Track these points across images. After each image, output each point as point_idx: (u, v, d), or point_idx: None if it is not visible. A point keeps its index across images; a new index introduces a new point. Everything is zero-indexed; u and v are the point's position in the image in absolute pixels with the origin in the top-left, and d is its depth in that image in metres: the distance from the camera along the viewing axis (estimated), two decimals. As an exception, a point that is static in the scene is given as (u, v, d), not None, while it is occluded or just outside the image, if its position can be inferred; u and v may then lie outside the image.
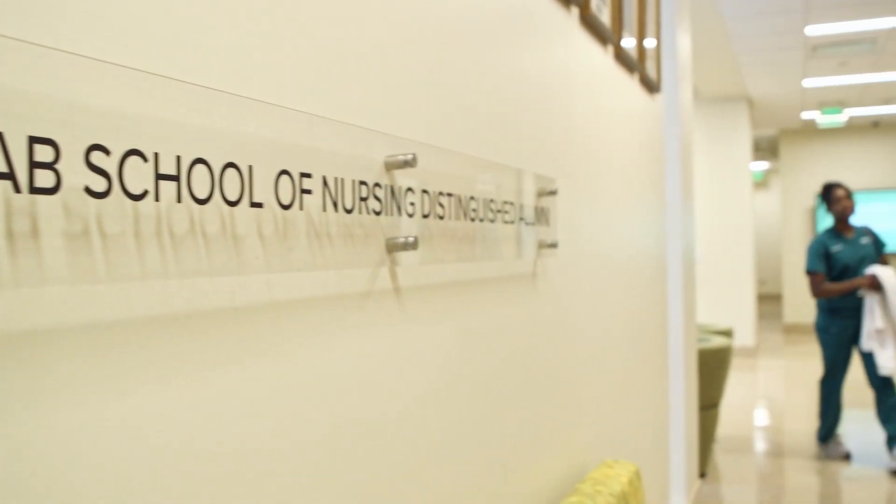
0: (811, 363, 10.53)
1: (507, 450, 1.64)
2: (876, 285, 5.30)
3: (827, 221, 13.54)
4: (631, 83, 2.87)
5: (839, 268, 5.55)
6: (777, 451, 6.30)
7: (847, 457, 5.70)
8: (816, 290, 5.58)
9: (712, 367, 4.94)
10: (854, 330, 5.52)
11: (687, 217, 4.27)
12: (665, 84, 3.91)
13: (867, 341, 5.34)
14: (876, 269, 5.36)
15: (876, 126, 13.37)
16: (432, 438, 1.32)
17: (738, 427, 6.86)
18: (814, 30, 7.54)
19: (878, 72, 9.45)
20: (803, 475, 5.47)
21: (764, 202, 19.50)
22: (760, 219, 19.27)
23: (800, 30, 7.52)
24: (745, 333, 10.78)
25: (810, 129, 13.65)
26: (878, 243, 5.70)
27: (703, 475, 5.20)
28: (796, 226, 13.92)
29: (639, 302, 2.91)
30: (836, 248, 5.58)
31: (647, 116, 3.15)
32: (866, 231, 5.73)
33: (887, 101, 11.35)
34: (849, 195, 5.68)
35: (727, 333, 5.95)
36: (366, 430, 1.13)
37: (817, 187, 13.66)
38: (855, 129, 13.50)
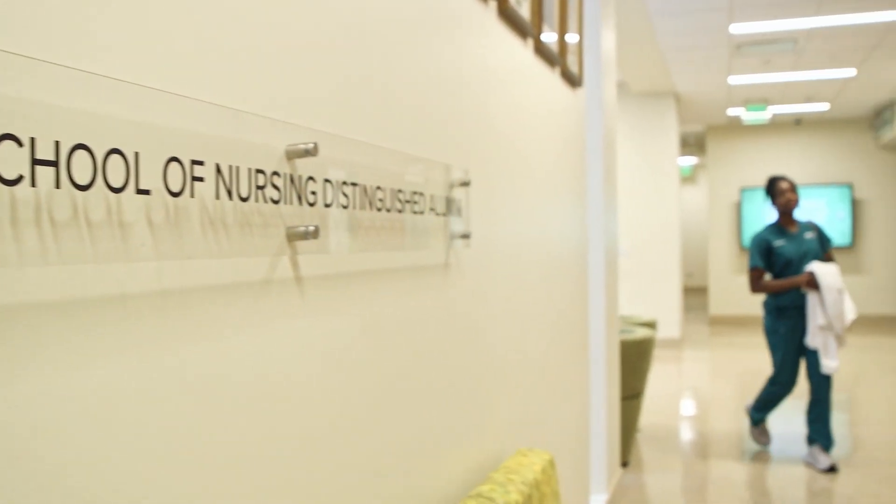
0: (735, 354, 10.78)
1: (417, 440, 1.65)
2: (814, 283, 5.16)
3: (750, 215, 13.86)
4: (552, 77, 2.89)
5: (781, 264, 5.40)
6: (701, 441, 6.43)
7: (767, 445, 5.77)
8: (755, 286, 5.46)
9: (635, 358, 5.03)
10: (803, 330, 5.35)
11: (610, 211, 4.33)
12: (588, 78, 3.96)
13: (811, 338, 5.21)
14: (814, 266, 5.20)
15: (798, 124, 13.71)
16: (336, 431, 1.32)
17: (663, 417, 6.98)
18: (738, 28, 7.69)
19: (800, 70, 9.68)
20: (727, 464, 5.58)
21: (692, 197, 19.85)
22: (688, 213, 19.63)
23: (724, 28, 7.67)
24: (671, 325, 10.98)
25: (736, 126, 13.94)
26: (823, 238, 5.51)
27: (625, 464, 5.29)
28: (722, 220, 14.20)
29: (559, 294, 2.94)
30: (778, 243, 5.42)
31: (569, 110, 3.18)
32: (811, 226, 5.54)
33: (809, 99, 11.64)
34: (793, 188, 5.48)
35: (651, 325, 6.06)
36: (264, 426, 1.13)
37: (742, 183, 13.97)
38: (778, 126, 13.82)
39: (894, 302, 13.31)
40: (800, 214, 5.82)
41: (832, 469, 5.17)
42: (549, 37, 2.82)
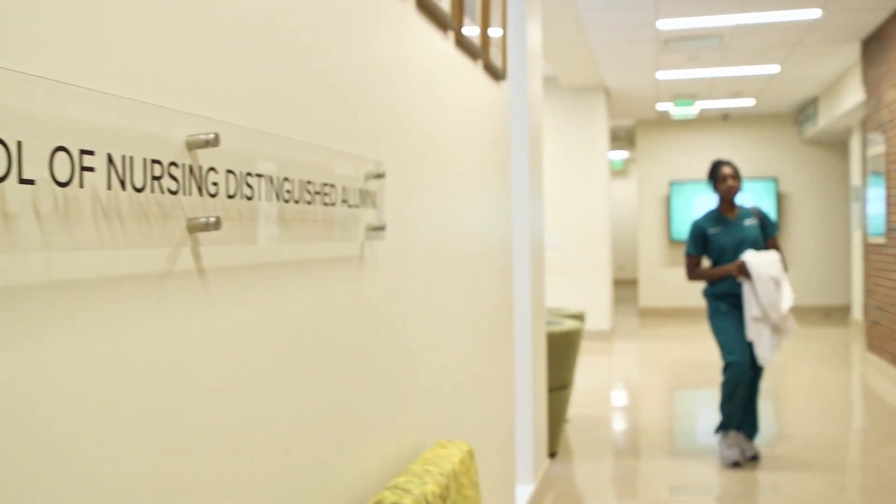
0: (665, 345, 10.97)
1: (332, 434, 1.65)
2: (745, 272, 4.99)
3: (679, 208, 14.09)
4: (474, 70, 2.91)
5: (717, 251, 5.24)
6: (631, 431, 6.54)
7: (736, 465, 5.14)
8: (690, 274, 5.35)
9: (562, 350, 5.08)
10: (741, 317, 5.14)
11: (536, 204, 4.36)
12: (514, 72, 3.98)
13: (748, 330, 5.03)
14: (747, 255, 5.01)
15: (726, 119, 13.97)
16: (244, 427, 1.31)
17: (593, 408, 7.08)
18: (665, 24, 7.81)
19: (726, 66, 9.87)
20: (656, 454, 5.68)
21: (624, 190, 20.11)
22: (620, 206, 19.88)
23: (652, 24, 7.78)
24: (601, 317, 11.11)
25: (665, 120, 14.16)
26: (766, 225, 5.29)
27: (553, 454, 5.34)
28: (651, 213, 14.42)
29: (481, 286, 2.96)
30: (713, 230, 5.25)
31: (493, 103, 3.20)
32: (754, 212, 5.33)
33: (735, 95, 11.87)
34: (735, 174, 5.28)
35: (579, 317, 6.13)
36: (163, 424, 1.12)
37: (671, 176, 14.19)
38: (706, 120, 14.08)
39: (818, 293, 13.65)
40: (744, 201, 5.55)
41: (754, 458, 5.19)
42: (471, 30, 2.83)
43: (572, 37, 8.07)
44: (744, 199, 5.56)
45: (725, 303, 5.21)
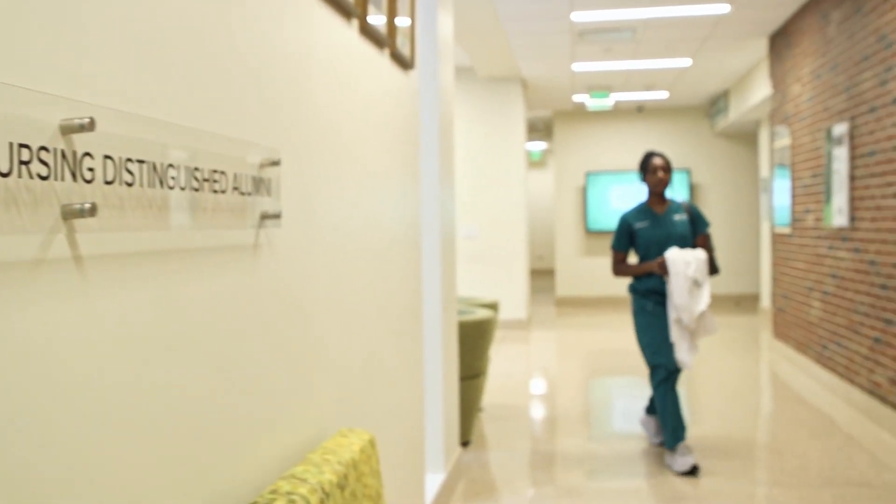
0: (580, 334, 11.14)
1: (226, 425, 1.63)
2: (667, 270, 4.82)
3: (594, 199, 14.29)
4: (380, 58, 2.90)
5: (643, 247, 5.04)
6: (547, 419, 6.62)
7: (694, 470, 4.81)
8: (615, 269, 5.15)
9: (475, 339, 5.11)
10: (665, 316, 4.96)
11: (447, 194, 4.37)
12: (424, 62, 3.99)
13: (671, 331, 4.88)
14: (669, 253, 4.83)
15: (640, 111, 14.21)
16: (126, 414, 1.29)
17: (509, 396, 7.14)
18: (579, 16, 7.89)
19: (640, 59, 10.03)
20: (571, 442, 5.77)
21: (542, 181, 20.30)
22: (539, 197, 20.09)
23: (566, 15, 7.86)
24: (518, 306, 11.21)
25: (581, 112, 14.33)
26: (697, 221, 5.10)
27: (466, 443, 5.38)
28: (568, 204, 14.59)
29: (388, 275, 2.96)
30: (640, 225, 5.05)
31: (401, 92, 3.19)
32: (684, 207, 5.13)
33: (649, 87, 12.08)
34: (666, 167, 5.06)
35: (492, 306, 6.17)
36: (34, 421, 1.09)
37: (587, 167, 14.38)
38: (621, 112, 14.30)
39: (729, 282, 14.00)
40: (675, 195, 5.44)
41: (694, 470, 4.78)
42: (378, 19, 2.82)
43: (488, 27, 8.11)
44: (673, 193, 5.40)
45: (651, 300, 5.01)
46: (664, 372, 4.95)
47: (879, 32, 5.83)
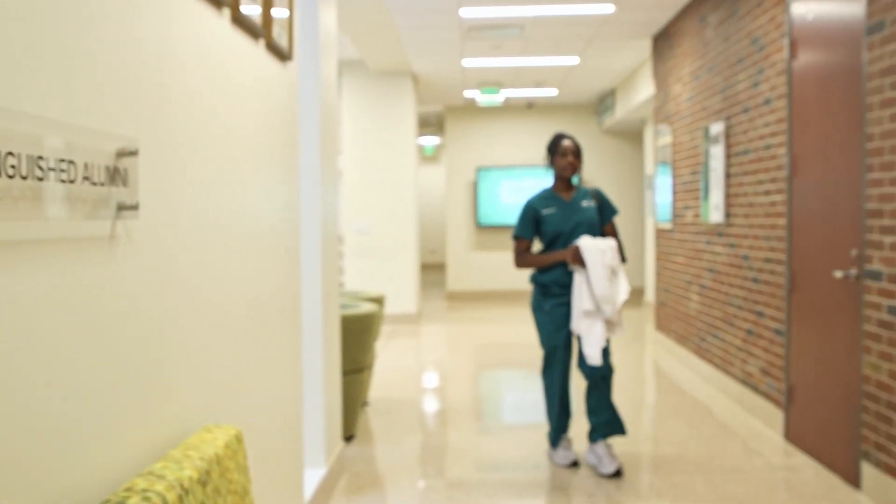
0: (471, 328, 11.23)
1: (75, 422, 1.58)
2: (580, 259, 4.55)
3: (485, 193, 14.42)
4: (255, 49, 2.86)
5: (550, 235, 4.76)
6: (437, 412, 6.65)
7: (575, 464, 4.85)
8: (518, 260, 4.86)
9: (358, 333, 5.10)
10: (569, 310, 4.72)
11: (328, 188, 4.35)
12: (303, 53, 3.95)
13: (576, 323, 4.60)
14: (581, 241, 4.59)
15: (530, 107, 14.40)
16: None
17: (397, 390, 7.15)
18: (467, 12, 7.95)
19: (528, 56, 10.16)
20: (463, 433, 5.81)
21: (436, 175, 20.37)
22: (433, 191, 20.16)
23: (455, 11, 7.90)
24: (408, 300, 11.24)
25: (472, 107, 14.44)
26: (605, 208, 4.86)
27: (351, 437, 5.36)
28: (459, 198, 14.69)
29: (263, 268, 2.92)
30: (547, 211, 4.77)
31: (277, 84, 3.15)
32: (592, 193, 4.86)
33: (539, 84, 12.25)
34: (576, 150, 4.78)
35: (378, 300, 6.16)
36: None
37: (478, 162, 14.50)
38: (512, 108, 14.46)
39: (614, 276, 14.30)
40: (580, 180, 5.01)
41: (618, 473, 4.63)
42: (252, 8, 2.78)
43: (378, 20, 8.09)
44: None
45: (553, 293, 4.75)
46: (555, 357, 4.77)
47: (752, 35, 6.05)
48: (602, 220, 4.83)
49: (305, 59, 3.96)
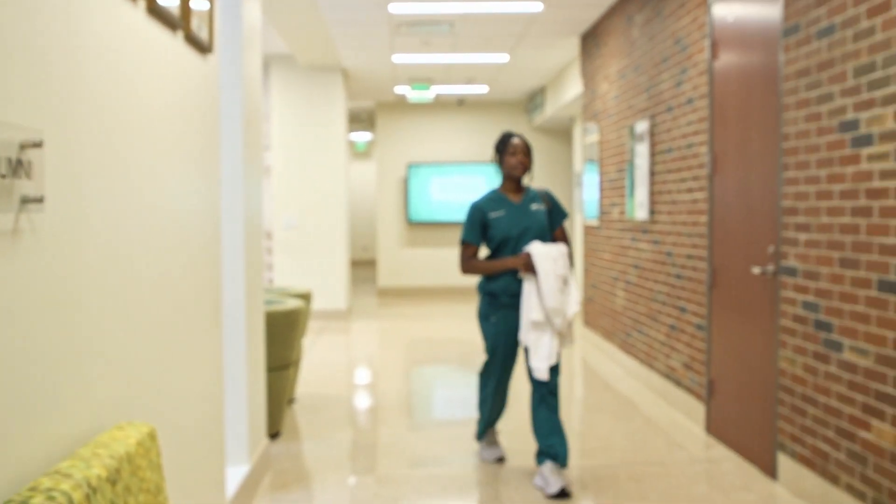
0: (401, 324, 11.23)
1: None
2: (532, 268, 4.31)
3: (416, 190, 14.42)
4: (172, 41, 2.81)
5: (497, 240, 4.49)
6: (366, 409, 6.63)
7: (501, 460, 4.85)
8: (464, 266, 4.57)
9: (284, 329, 5.06)
10: (517, 320, 4.48)
11: (252, 182, 4.30)
12: (225, 46, 3.90)
13: (524, 334, 4.37)
14: (534, 248, 4.34)
15: (461, 104, 14.44)
16: None
17: (326, 386, 7.11)
18: (397, 8, 7.93)
19: (459, 53, 10.18)
20: (394, 429, 5.79)
21: (368, 172, 20.29)
22: (365, 187, 20.08)
23: (384, 6, 7.88)
24: (338, 297, 11.19)
25: (403, 104, 14.43)
26: (555, 212, 4.59)
27: (276, 434, 5.32)
28: (390, 195, 14.67)
29: (181, 264, 2.88)
30: (495, 214, 4.50)
31: (196, 78, 3.11)
32: (542, 196, 4.61)
33: (469, 81, 12.28)
34: (526, 149, 4.55)
35: (305, 296, 6.12)
36: None
37: (409, 159, 14.49)
38: (443, 105, 14.48)
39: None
40: (532, 182, 4.86)
41: (563, 494, 4.26)
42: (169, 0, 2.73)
43: (306, 14, 8.02)
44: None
45: (500, 303, 4.50)
46: (495, 385, 4.63)
47: (676, 36, 6.15)
48: (552, 225, 4.55)
49: (228, 52, 3.92)
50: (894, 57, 3.45)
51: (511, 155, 4.52)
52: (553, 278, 4.25)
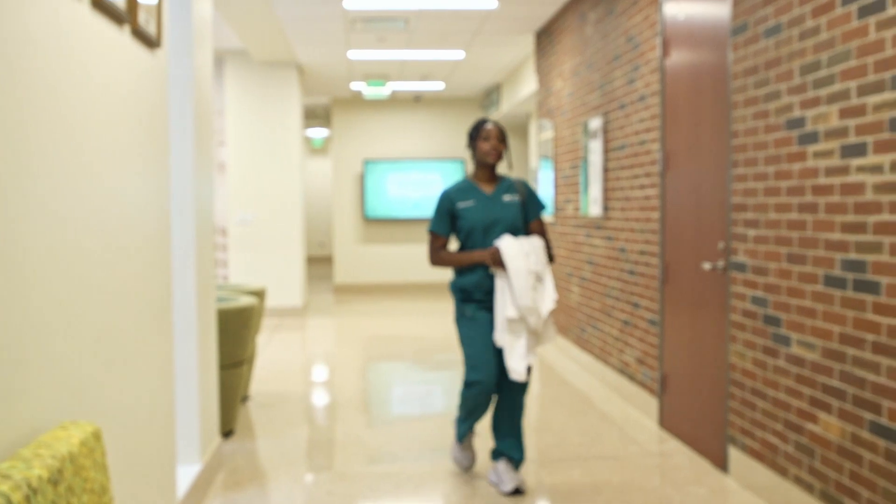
0: (358, 321, 11.20)
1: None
2: (500, 262, 4.07)
3: (372, 186, 14.38)
4: (119, 35, 2.77)
5: (465, 231, 4.26)
6: (322, 406, 6.61)
7: (469, 469, 4.66)
8: (433, 257, 4.36)
9: (237, 327, 5.02)
10: (492, 319, 4.22)
11: (204, 179, 4.26)
12: (175, 41, 3.86)
13: (498, 334, 4.12)
14: (503, 242, 4.11)
15: (418, 100, 14.42)
16: None
17: (282, 384, 7.07)
18: (351, 4, 7.90)
19: (414, 49, 10.16)
20: (351, 426, 5.77)
21: (324, 168, 20.21)
22: (322, 184, 19.99)
23: (338, 2, 7.84)
24: (294, 294, 11.13)
25: (359, 100, 14.38)
26: (531, 203, 4.34)
27: (230, 432, 5.28)
28: (346, 191, 14.62)
29: (128, 261, 2.84)
30: (465, 204, 4.27)
31: (144, 73, 3.07)
32: (518, 186, 4.36)
33: (425, 78, 12.27)
34: (500, 135, 4.28)
35: (258, 293, 6.08)
36: None
37: (365, 155, 14.45)
38: (399, 101, 14.46)
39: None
40: (507, 172, 4.61)
41: (517, 492, 4.25)
42: (115, -8, 2.69)
43: (260, 9, 7.96)
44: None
45: (474, 300, 4.24)
46: (479, 392, 4.19)
47: (629, 34, 6.20)
48: (526, 217, 4.28)
49: (177, 47, 3.87)
50: (838, 55, 3.51)
51: (484, 140, 4.25)
52: (524, 274, 3.98)
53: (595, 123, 7.00)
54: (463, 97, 14.40)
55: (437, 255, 4.31)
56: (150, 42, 3.12)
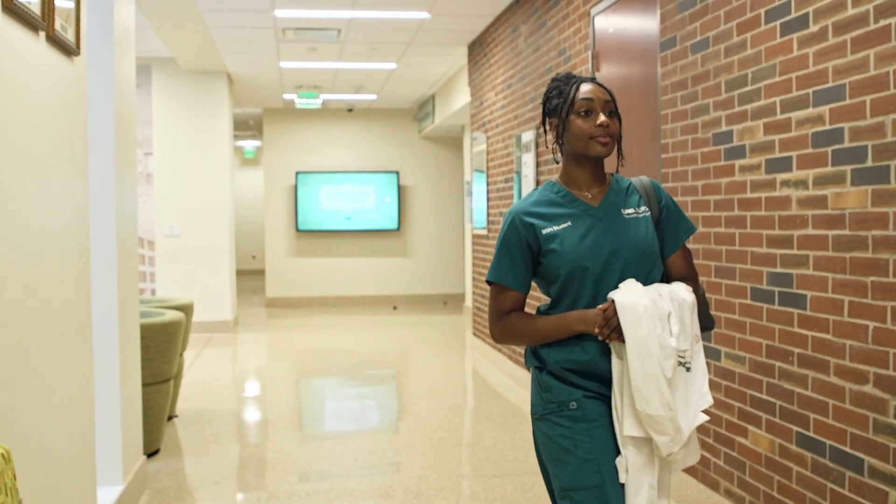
0: (289, 335, 11.08)
1: None
2: (619, 330, 2.38)
3: (304, 198, 14.24)
4: (34, 42, 2.66)
5: (560, 274, 2.28)
6: (253, 423, 6.48)
7: None
8: (493, 328, 2.45)
9: (161, 342, 4.89)
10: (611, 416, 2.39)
11: (126, 189, 4.15)
12: (95, 49, 3.74)
13: (619, 457, 2.28)
14: (622, 295, 2.38)
15: (350, 112, 14.35)
16: None
17: (210, 400, 6.92)
18: (282, 13, 7.82)
19: (346, 60, 10.11)
20: (283, 443, 5.65)
21: (256, 179, 19.98)
22: (254, 195, 19.75)
23: (269, 11, 7.76)
24: (223, 308, 10.93)
25: (291, 110, 14.26)
26: (671, 222, 2.43)
27: (155, 452, 5.14)
28: (278, 203, 14.45)
29: (40, 277, 2.73)
30: (555, 228, 2.19)
31: (60, 81, 2.96)
32: (645, 191, 2.38)
33: (358, 89, 12.22)
34: (611, 104, 2.34)
35: (185, 308, 5.94)
36: None
37: (298, 166, 14.31)
38: (332, 112, 14.36)
39: (437, 282, 14.49)
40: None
41: None
42: (30, -3, 2.59)
43: (187, 17, 7.81)
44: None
45: (578, 385, 2.35)
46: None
47: (559, 47, 6.23)
48: (665, 245, 2.44)
49: (98, 54, 3.75)
50: (764, 71, 3.55)
51: (583, 116, 2.35)
52: (658, 351, 2.21)
53: (527, 136, 7.01)
54: (396, 109, 14.36)
55: (506, 324, 2.41)
56: (68, 49, 3.02)
